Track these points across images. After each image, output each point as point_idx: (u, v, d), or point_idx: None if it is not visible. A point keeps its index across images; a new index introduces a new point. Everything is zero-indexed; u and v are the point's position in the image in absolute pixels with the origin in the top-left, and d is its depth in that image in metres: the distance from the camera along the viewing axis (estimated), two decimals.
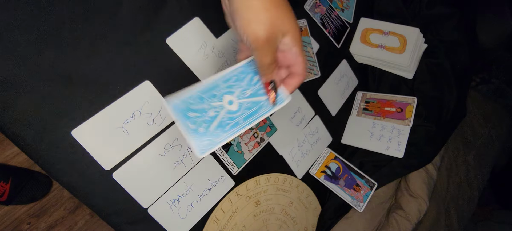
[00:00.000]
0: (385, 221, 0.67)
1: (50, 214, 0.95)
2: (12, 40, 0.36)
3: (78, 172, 0.41)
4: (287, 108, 0.59)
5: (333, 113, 0.66)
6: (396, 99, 0.67)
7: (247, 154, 0.55)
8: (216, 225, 0.53)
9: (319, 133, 0.64)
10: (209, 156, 0.51)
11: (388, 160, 0.65)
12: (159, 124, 0.46)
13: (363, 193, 0.63)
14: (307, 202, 0.64)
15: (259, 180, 0.57)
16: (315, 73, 0.62)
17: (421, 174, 0.68)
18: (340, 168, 0.65)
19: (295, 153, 0.61)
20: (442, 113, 0.68)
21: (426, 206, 0.66)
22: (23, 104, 0.38)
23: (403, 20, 0.70)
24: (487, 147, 0.93)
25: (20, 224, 0.92)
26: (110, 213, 0.45)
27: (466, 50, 0.70)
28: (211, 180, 0.52)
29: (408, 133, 0.63)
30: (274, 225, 0.60)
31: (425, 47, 0.70)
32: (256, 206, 0.57)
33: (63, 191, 0.96)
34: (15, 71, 0.37)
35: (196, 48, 0.49)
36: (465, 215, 0.87)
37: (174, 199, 0.48)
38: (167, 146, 0.47)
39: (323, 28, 0.63)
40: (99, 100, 0.41)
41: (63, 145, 0.40)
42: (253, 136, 0.55)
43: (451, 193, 0.81)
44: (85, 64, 0.40)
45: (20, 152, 0.92)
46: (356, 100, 0.71)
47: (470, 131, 0.89)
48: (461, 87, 0.70)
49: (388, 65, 0.69)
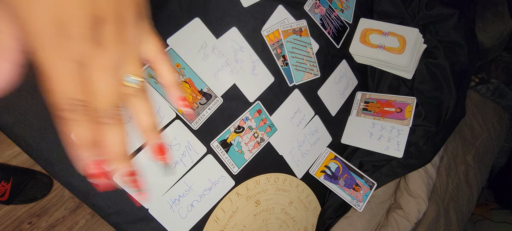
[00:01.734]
0: (385, 220, 0.67)
1: (51, 214, 0.95)
2: None
3: (78, 171, 0.42)
4: (287, 109, 0.59)
5: (332, 114, 0.67)
6: (396, 99, 0.68)
7: (247, 154, 0.55)
8: (216, 225, 0.53)
9: (319, 132, 0.64)
10: (209, 156, 0.51)
11: (388, 160, 0.65)
12: (158, 123, 0.46)
13: (363, 193, 0.63)
14: (307, 202, 0.64)
15: (259, 180, 0.57)
16: (315, 73, 0.62)
17: (420, 174, 0.68)
18: (339, 167, 0.65)
19: (295, 153, 0.61)
20: (442, 114, 0.68)
21: (425, 205, 0.66)
22: (25, 105, 0.38)
23: (402, 21, 0.70)
24: (486, 147, 0.93)
25: (21, 224, 0.92)
26: (110, 213, 0.45)
27: (465, 50, 0.70)
28: (212, 179, 0.52)
29: (408, 133, 0.64)
30: (274, 224, 0.61)
31: (425, 48, 0.70)
32: (256, 205, 0.58)
33: (64, 190, 0.96)
34: None
35: (196, 48, 0.49)
36: (464, 214, 0.87)
37: (175, 199, 0.49)
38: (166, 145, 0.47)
39: (322, 29, 0.63)
40: None
41: (64, 145, 0.40)
42: (253, 135, 0.55)
43: (450, 192, 0.81)
44: None
45: (21, 152, 0.92)
46: (356, 101, 0.71)
47: (469, 131, 0.89)
48: (461, 87, 0.70)
49: (387, 65, 0.69)
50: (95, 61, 0.20)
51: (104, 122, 0.21)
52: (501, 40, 0.84)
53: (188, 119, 0.29)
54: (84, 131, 0.21)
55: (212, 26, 0.50)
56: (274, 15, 0.57)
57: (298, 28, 0.60)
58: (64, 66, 0.19)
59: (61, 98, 0.19)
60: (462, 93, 0.72)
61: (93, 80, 0.20)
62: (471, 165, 0.88)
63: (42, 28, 0.18)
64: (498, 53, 0.90)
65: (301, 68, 0.60)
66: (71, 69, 0.19)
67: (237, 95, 0.54)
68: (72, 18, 0.18)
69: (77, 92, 0.20)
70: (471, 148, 0.89)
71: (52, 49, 0.18)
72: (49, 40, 0.18)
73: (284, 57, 0.58)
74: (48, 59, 0.19)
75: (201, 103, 0.49)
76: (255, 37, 0.55)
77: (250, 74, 0.55)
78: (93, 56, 0.20)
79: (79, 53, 0.19)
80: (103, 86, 0.20)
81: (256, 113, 0.56)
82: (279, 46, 0.58)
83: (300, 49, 0.60)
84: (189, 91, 0.48)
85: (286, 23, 0.58)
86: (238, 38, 0.53)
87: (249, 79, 0.55)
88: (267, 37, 0.57)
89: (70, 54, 0.19)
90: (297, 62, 0.60)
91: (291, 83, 0.60)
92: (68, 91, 0.19)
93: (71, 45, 0.19)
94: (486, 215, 1.23)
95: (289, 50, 0.59)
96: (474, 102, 0.93)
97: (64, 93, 0.19)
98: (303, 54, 0.61)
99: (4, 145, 0.91)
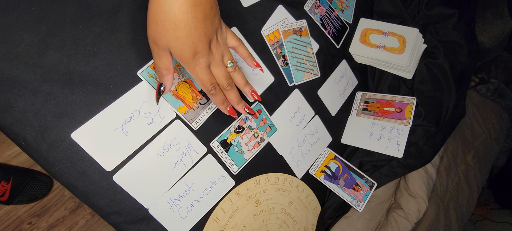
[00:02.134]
0: (385, 220, 0.67)
1: (51, 214, 0.95)
2: (13, 40, 0.36)
3: (79, 172, 0.42)
4: (287, 109, 0.59)
5: (332, 113, 0.67)
6: (396, 99, 0.68)
7: (247, 154, 0.55)
8: (216, 225, 0.53)
9: (319, 132, 0.64)
10: (209, 156, 0.51)
11: (388, 160, 0.65)
12: (158, 123, 0.46)
13: (363, 193, 0.63)
14: (307, 202, 0.64)
15: (259, 180, 0.57)
16: (315, 73, 0.62)
17: (420, 174, 0.68)
18: (339, 167, 0.65)
19: (295, 153, 0.61)
20: (442, 114, 0.68)
21: (425, 205, 0.66)
22: (24, 105, 0.38)
23: (402, 21, 0.70)
24: (486, 147, 0.93)
25: (21, 224, 0.92)
26: (111, 213, 0.45)
27: (465, 50, 0.70)
28: (212, 179, 0.52)
29: (408, 133, 0.64)
30: (274, 224, 0.61)
31: (425, 48, 0.70)
32: (256, 205, 0.58)
33: (64, 190, 0.96)
34: (17, 71, 0.37)
35: None
36: (464, 214, 0.87)
37: (175, 199, 0.49)
38: (165, 145, 0.47)
39: (322, 29, 0.63)
40: (99, 100, 0.42)
41: (64, 145, 0.40)
42: (253, 135, 0.55)
43: (450, 192, 0.81)
44: (86, 64, 0.41)
45: (21, 152, 0.92)
46: (356, 101, 0.71)
47: (469, 131, 0.89)
48: (460, 87, 0.70)
49: (387, 65, 0.69)
50: (213, 62, 0.38)
51: (226, 90, 0.41)
52: (501, 40, 0.84)
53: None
54: (220, 97, 0.41)
55: None
56: (274, 15, 0.57)
57: (298, 28, 0.60)
58: (203, 70, 0.37)
59: (208, 86, 0.39)
60: (462, 93, 0.72)
61: (216, 72, 0.39)
62: (471, 165, 0.88)
63: (189, 58, 0.35)
64: (498, 53, 0.90)
65: (301, 68, 0.60)
66: (206, 70, 0.37)
67: None
68: (201, 48, 0.35)
69: (212, 79, 0.39)
70: (471, 148, 0.89)
71: (195, 65, 0.36)
72: (192, 61, 0.35)
73: (284, 57, 0.59)
74: (195, 70, 0.37)
75: (201, 103, 0.49)
76: (255, 37, 0.55)
77: (250, 74, 0.55)
78: (212, 60, 0.38)
79: (207, 62, 0.37)
80: (220, 73, 0.39)
81: (256, 113, 0.56)
82: (279, 46, 0.58)
83: (300, 49, 0.60)
84: (189, 91, 0.48)
85: (286, 23, 0.58)
86: None
87: (249, 79, 0.55)
88: (267, 37, 0.57)
89: (203, 64, 0.37)
90: (297, 62, 0.60)
91: (291, 83, 0.60)
92: (209, 81, 0.38)
93: (202, 60, 0.36)
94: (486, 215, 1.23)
95: (289, 50, 0.59)
96: (474, 102, 0.93)
97: (208, 83, 0.38)
98: (303, 54, 0.61)
99: (4, 145, 0.91)
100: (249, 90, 0.43)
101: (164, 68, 0.37)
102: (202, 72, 0.37)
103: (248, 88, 0.43)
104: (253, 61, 0.44)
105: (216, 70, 0.38)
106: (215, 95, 0.40)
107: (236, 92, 0.42)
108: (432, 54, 0.69)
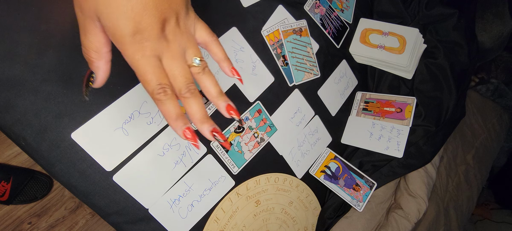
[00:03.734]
0: (385, 220, 0.67)
1: (51, 214, 0.95)
2: (14, 41, 0.36)
3: (79, 172, 0.42)
4: (287, 109, 0.59)
5: (332, 114, 0.67)
6: (396, 99, 0.68)
7: (247, 154, 0.55)
8: (216, 225, 0.53)
9: (319, 132, 0.64)
10: (209, 156, 0.51)
11: (388, 160, 0.65)
12: (158, 123, 0.46)
13: (363, 193, 0.63)
14: (307, 202, 0.64)
15: (259, 180, 0.57)
16: (315, 73, 0.62)
17: (420, 174, 0.68)
18: (339, 167, 0.65)
19: (295, 153, 0.61)
20: (442, 114, 0.68)
21: (425, 205, 0.66)
22: (24, 105, 0.38)
23: (402, 21, 0.70)
24: (486, 146, 0.93)
25: (21, 224, 0.92)
26: (111, 213, 0.45)
27: (465, 50, 0.70)
28: (212, 179, 0.52)
29: (408, 132, 0.64)
30: (274, 224, 0.61)
31: (425, 48, 0.70)
32: (256, 205, 0.58)
33: (64, 190, 0.96)
34: (17, 71, 0.37)
35: None
36: (464, 214, 0.87)
37: (175, 199, 0.49)
38: (165, 145, 0.47)
39: (322, 29, 0.63)
40: (99, 100, 0.42)
41: (64, 145, 0.40)
42: (253, 135, 0.55)
43: (450, 192, 0.82)
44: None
45: (21, 152, 0.92)
46: (356, 101, 0.71)
47: (469, 131, 0.89)
48: (460, 87, 0.70)
49: (387, 65, 0.69)
50: (167, 53, 0.26)
51: (184, 97, 0.27)
52: (501, 40, 0.84)
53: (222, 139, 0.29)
54: (173, 106, 0.27)
55: (212, 26, 0.50)
56: (274, 15, 0.57)
57: (298, 28, 0.60)
58: (148, 61, 0.25)
59: (152, 85, 0.26)
60: (462, 93, 0.72)
61: (170, 68, 0.26)
62: (471, 165, 0.88)
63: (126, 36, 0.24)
64: (498, 53, 0.90)
65: (301, 68, 0.60)
66: (154, 62, 0.25)
67: (237, 95, 0.54)
68: (146, 24, 0.24)
69: (162, 78, 0.26)
70: (471, 148, 0.89)
71: (135, 50, 0.24)
72: (131, 44, 0.24)
73: (284, 57, 0.59)
74: (134, 57, 0.25)
75: None
76: (255, 37, 0.55)
77: (250, 74, 0.55)
78: (165, 50, 0.26)
79: (156, 50, 0.25)
80: (177, 70, 0.27)
81: (256, 113, 0.56)
82: (279, 46, 0.58)
83: (300, 49, 0.60)
84: None
85: (286, 23, 0.58)
86: (238, 38, 0.53)
87: (249, 79, 0.55)
88: (267, 37, 0.57)
89: (150, 52, 0.25)
90: (297, 62, 0.60)
91: (291, 83, 0.60)
92: (156, 79, 0.26)
93: (148, 45, 0.24)
94: (486, 215, 1.23)
95: (289, 50, 0.59)
96: (474, 102, 0.93)
97: (154, 81, 0.25)
98: (303, 54, 0.61)
99: (4, 145, 0.91)
100: (223, 103, 0.30)
101: (92, 49, 0.26)
102: (145, 63, 0.25)
103: (223, 100, 0.30)
104: (230, 66, 0.32)
105: (171, 65, 0.26)
106: (163, 102, 0.26)
107: (200, 104, 0.29)
108: (432, 54, 0.69)
